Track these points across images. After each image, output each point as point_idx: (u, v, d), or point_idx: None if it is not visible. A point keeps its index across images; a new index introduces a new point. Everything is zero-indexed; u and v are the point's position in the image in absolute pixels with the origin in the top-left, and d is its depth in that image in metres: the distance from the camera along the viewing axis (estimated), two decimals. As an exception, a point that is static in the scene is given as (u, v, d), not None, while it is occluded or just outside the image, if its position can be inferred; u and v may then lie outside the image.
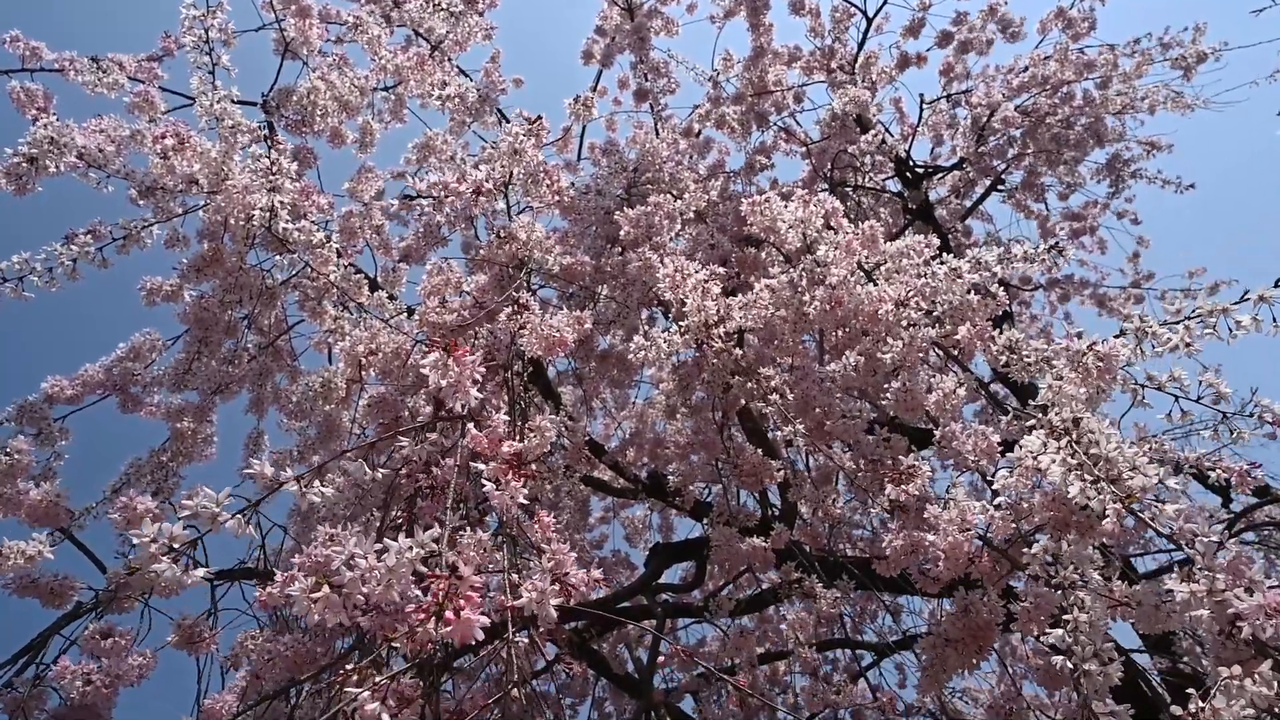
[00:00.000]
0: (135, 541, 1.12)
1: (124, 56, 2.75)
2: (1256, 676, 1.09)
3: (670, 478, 3.37)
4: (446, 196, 2.32)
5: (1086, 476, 1.28)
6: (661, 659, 3.19)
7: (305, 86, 2.83)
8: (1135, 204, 5.91)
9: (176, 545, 1.13)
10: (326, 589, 1.07)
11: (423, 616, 1.03)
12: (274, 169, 2.32)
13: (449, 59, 3.03)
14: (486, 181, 2.31)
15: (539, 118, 2.43)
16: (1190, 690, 1.11)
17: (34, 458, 2.24)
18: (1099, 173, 5.33)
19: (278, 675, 1.85)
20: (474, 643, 1.05)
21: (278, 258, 2.55)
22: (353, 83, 2.90)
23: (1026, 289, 5.73)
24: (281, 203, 2.32)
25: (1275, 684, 1.07)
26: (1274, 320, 1.51)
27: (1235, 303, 1.51)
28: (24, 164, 1.99)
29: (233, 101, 2.38)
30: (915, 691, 4.09)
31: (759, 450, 2.61)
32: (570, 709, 4.84)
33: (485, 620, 1.05)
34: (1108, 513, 1.26)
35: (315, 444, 2.87)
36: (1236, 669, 1.10)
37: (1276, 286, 1.49)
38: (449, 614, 1.02)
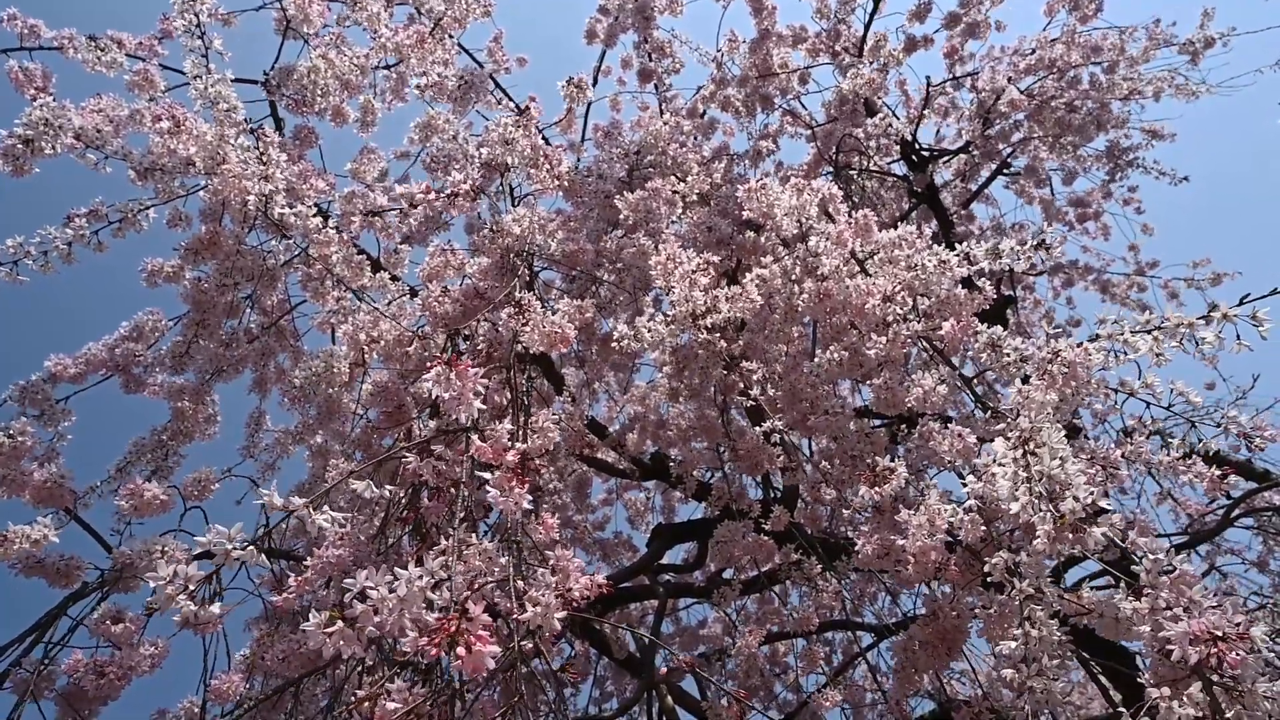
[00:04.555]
0: (151, 584, 1.13)
1: (124, 35, 2.73)
2: (1185, 698, 1.10)
3: (672, 462, 3.37)
4: (414, 207, 2.29)
5: (1031, 492, 1.27)
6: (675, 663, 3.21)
7: (306, 65, 2.81)
8: (1142, 191, 5.88)
9: (192, 586, 1.14)
10: (340, 624, 1.08)
11: (435, 650, 1.04)
12: (264, 158, 2.30)
13: (449, 36, 3.00)
14: (464, 183, 2.28)
15: (527, 108, 2.40)
16: (1122, 711, 1.12)
17: (37, 439, 2.23)
18: (1099, 159, 5.29)
19: (290, 672, 1.86)
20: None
21: (275, 242, 2.55)
22: (353, 61, 2.88)
23: (1031, 274, 5.71)
24: (274, 190, 2.31)
25: (1203, 707, 1.08)
26: (1238, 337, 1.48)
27: (1200, 318, 1.49)
28: (19, 146, 1.98)
29: (230, 83, 2.37)
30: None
31: (760, 433, 2.61)
32: (572, 688, 4.88)
33: (496, 650, 1.06)
34: (1039, 534, 1.26)
35: (315, 424, 2.87)
36: (1165, 690, 1.12)
37: (1240, 304, 1.47)
38: (460, 650, 1.03)
